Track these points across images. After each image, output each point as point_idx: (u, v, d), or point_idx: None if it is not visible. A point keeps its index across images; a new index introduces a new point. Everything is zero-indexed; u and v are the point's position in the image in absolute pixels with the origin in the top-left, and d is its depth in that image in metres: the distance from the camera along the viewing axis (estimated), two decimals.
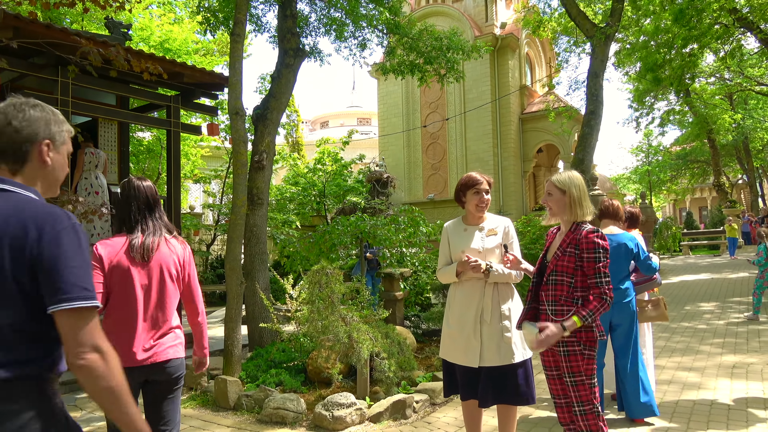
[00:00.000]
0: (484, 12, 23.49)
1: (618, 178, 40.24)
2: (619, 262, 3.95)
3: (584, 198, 2.77)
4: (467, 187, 3.21)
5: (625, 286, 4.00)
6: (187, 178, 17.38)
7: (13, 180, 1.40)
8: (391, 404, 4.23)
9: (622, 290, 3.95)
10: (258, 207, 6.68)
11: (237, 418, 4.48)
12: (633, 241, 4.06)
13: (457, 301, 3.15)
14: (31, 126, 1.43)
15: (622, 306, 3.94)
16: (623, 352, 4.00)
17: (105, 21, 8.43)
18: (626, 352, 3.98)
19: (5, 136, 1.40)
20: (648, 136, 31.44)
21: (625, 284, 4.01)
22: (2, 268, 1.27)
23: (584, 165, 11.52)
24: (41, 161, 1.46)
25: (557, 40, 18.41)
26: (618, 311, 3.94)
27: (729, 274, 14.10)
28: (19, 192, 1.39)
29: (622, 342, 4.00)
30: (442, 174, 23.92)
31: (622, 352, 4.00)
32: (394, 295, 6.74)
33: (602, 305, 2.60)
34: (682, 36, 12.81)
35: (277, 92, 7.08)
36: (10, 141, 1.41)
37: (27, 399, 1.28)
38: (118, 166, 8.97)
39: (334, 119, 52.46)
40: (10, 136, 1.40)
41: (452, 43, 8.23)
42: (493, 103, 22.55)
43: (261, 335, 6.35)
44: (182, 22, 15.60)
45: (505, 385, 2.97)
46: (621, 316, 3.96)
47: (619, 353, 4.01)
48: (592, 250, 2.64)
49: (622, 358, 3.99)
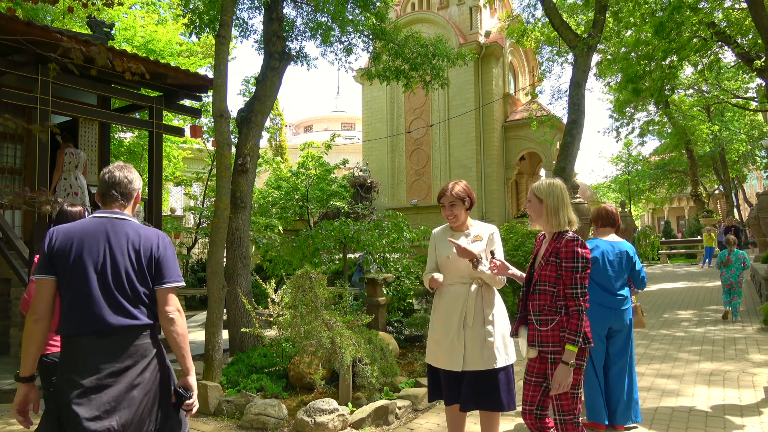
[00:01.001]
0: (469, 20, 23.71)
1: (598, 186, 40.73)
2: (618, 268, 3.98)
3: (562, 208, 2.75)
4: (438, 199, 3.31)
5: (625, 293, 4.01)
6: (168, 180, 17.17)
7: (125, 213, 2.35)
8: (373, 410, 4.21)
9: (622, 298, 3.97)
10: (241, 210, 6.62)
11: (217, 423, 4.42)
12: (632, 250, 4.08)
13: (442, 306, 3.17)
14: (134, 180, 2.40)
15: (621, 312, 3.96)
16: (619, 357, 4.00)
17: (87, 20, 8.32)
18: (622, 357, 4.00)
19: (123, 186, 2.36)
20: (628, 146, 31.89)
21: (624, 291, 4.01)
22: (141, 263, 2.25)
23: (566, 173, 11.64)
24: (137, 200, 2.42)
25: (540, 50, 18.62)
26: (617, 318, 3.95)
27: (706, 283, 14.35)
28: (131, 220, 2.33)
29: (619, 347, 4.01)
30: (425, 180, 24.01)
31: (618, 357, 4.00)
32: (377, 300, 6.72)
33: (580, 319, 2.61)
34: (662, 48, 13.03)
35: (262, 95, 7.04)
36: (126, 189, 2.38)
37: (154, 335, 2.32)
38: (99, 167, 8.83)
39: (318, 123, 52.38)
40: (125, 186, 2.37)
41: (438, 50, 8.28)
42: (477, 111, 22.73)
43: (242, 340, 6.28)
44: (166, 24, 15.45)
45: (487, 390, 2.98)
46: (620, 323, 3.97)
47: (614, 358, 4.01)
48: (571, 259, 2.65)
49: (617, 363, 4.00)
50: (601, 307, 3.93)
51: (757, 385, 5.16)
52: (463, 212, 3.21)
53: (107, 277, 2.20)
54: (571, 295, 2.63)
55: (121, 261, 2.22)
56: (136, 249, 2.24)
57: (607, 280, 3.95)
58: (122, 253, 2.23)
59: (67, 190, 7.73)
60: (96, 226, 2.25)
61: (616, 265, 3.97)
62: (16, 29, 5.75)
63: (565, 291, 2.66)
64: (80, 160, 8.00)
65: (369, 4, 8.20)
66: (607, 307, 3.94)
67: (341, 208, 16.39)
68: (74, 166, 7.89)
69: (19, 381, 2.23)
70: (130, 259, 2.24)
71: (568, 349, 2.59)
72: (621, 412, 3.97)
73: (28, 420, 2.26)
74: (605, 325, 3.96)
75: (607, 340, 4.03)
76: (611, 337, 4.03)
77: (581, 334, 2.60)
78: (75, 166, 7.90)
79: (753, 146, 27.22)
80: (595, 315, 3.83)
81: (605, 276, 3.95)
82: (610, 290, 3.95)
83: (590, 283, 3.80)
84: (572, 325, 2.61)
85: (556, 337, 2.66)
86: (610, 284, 3.96)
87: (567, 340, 2.60)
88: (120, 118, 8.42)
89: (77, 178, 7.87)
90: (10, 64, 6.34)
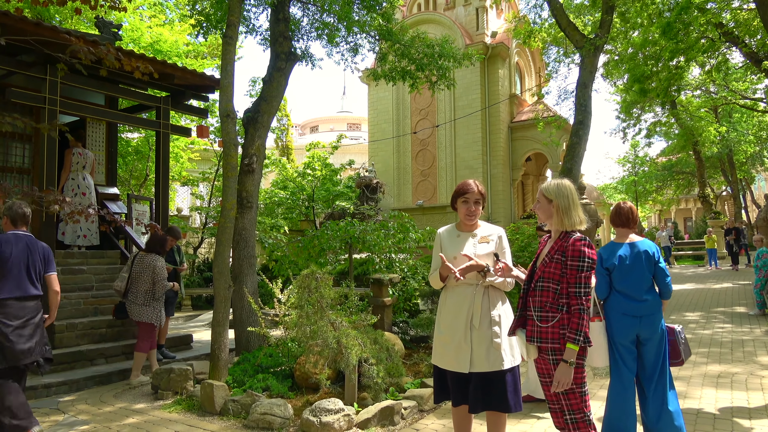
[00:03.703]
0: (475, 21, 23.66)
1: (605, 187, 40.55)
2: (639, 271, 3.62)
3: (573, 208, 2.78)
4: (458, 194, 3.23)
5: (650, 297, 3.62)
6: (175, 180, 17.25)
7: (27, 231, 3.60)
8: (379, 410, 4.21)
9: (647, 302, 3.59)
10: (247, 210, 6.64)
11: (223, 423, 4.43)
12: (653, 248, 3.69)
13: (448, 307, 3.16)
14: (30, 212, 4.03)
15: (648, 319, 3.58)
16: (653, 369, 3.60)
17: (95, 20, 8.36)
18: (655, 369, 3.60)
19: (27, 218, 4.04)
20: (635, 147, 31.77)
21: (650, 296, 3.62)
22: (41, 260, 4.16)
23: (572, 174, 11.60)
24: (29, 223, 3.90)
25: (547, 50, 18.53)
26: (645, 325, 3.57)
27: (713, 285, 14.26)
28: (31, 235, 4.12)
29: (651, 358, 3.60)
30: (431, 181, 23.97)
31: (651, 368, 3.60)
32: (383, 300, 6.72)
33: (582, 318, 2.63)
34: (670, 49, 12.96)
35: (269, 95, 7.05)
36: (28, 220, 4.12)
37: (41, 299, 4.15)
38: (106, 167, 8.88)
39: (324, 124, 52.46)
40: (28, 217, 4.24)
41: (444, 51, 8.26)
42: (483, 112, 22.68)
43: (248, 340, 6.30)
44: (173, 24, 15.51)
45: (494, 392, 2.97)
46: (649, 330, 3.58)
47: (648, 370, 3.61)
48: (577, 258, 2.67)
49: (651, 375, 3.60)
50: (624, 316, 3.57)
51: (766, 387, 5.12)
52: (481, 212, 3.23)
53: (29, 267, 4.06)
54: (574, 293, 2.66)
55: (36, 258, 4.11)
56: (40, 252, 4.15)
57: (628, 286, 3.60)
58: (36, 253, 4.11)
59: (74, 189, 7.78)
60: (20, 238, 4.09)
61: (635, 268, 3.62)
62: (26, 29, 5.79)
63: (568, 289, 2.69)
64: (88, 160, 8.04)
65: (375, 4, 8.21)
66: (630, 316, 3.56)
67: (347, 209, 16.39)
68: (82, 166, 7.94)
69: None
70: (39, 257, 4.13)
71: (569, 347, 2.62)
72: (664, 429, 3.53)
73: None
74: (629, 335, 3.58)
75: (638, 349, 3.64)
76: (642, 345, 3.62)
77: (582, 333, 2.62)
78: (82, 166, 7.95)
79: (761, 147, 27.05)
80: (617, 325, 3.56)
81: (625, 282, 3.61)
82: (632, 296, 3.59)
83: (612, 292, 3.64)
84: (573, 324, 2.63)
85: (555, 334, 2.68)
86: (632, 290, 3.60)
87: (568, 339, 2.63)
88: (127, 118, 8.46)
89: (84, 178, 7.92)
90: (19, 64, 6.38)
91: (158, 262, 6.23)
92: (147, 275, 6.14)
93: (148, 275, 6.14)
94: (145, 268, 6.16)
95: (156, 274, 6.15)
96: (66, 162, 7.81)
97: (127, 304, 6.17)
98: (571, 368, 2.61)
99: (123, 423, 4.52)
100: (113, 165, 9.07)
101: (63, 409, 4.99)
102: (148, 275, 6.14)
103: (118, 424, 4.50)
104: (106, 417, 4.70)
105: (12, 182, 7.61)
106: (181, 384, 5.28)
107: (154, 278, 6.15)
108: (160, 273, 6.18)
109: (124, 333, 7.06)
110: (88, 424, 4.51)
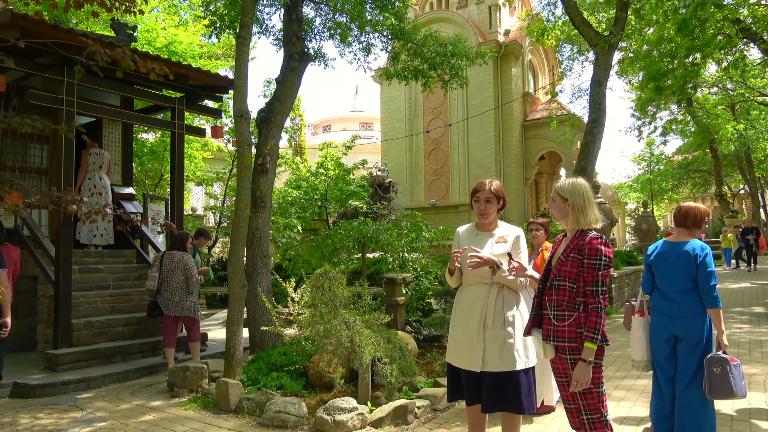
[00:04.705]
0: (488, 19, 23.57)
1: (620, 186, 40.21)
2: (677, 271, 3.54)
3: (588, 207, 2.78)
4: (472, 193, 3.26)
5: (685, 299, 3.51)
6: (189, 180, 17.40)
7: None
8: (392, 409, 4.22)
9: (681, 303, 3.52)
10: (261, 210, 6.68)
11: (238, 420, 4.47)
12: (697, 249, 3.50)
13: (462, 305, 3.16)
14: None
15: (683, 321, 3.51)
16: (683, 371, 3.53)
17: (111, 22, 8.46)
18: (686, 372, 3.51)
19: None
20: (650, 145, 31.45)
21: (686, 297, 3.52)
22: None
23: (587, 173, 11.52)
24: None
25: (560, 48, 18.41)
26: (679, 326, 3.52)
27: (731, 284, 14.07)
28: None
29: (683, 360, 3.54)
30: (444, 180, 23.93)
31: (682, 371, 3.54)
32: (396, 300, 6.72)
33: (599, 317, 2.62)
34: (685, 46, 12.80)
35: (282, 96, 7.09)
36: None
37: None
38: (122, 167, 8.98)
39: (337, 123, 52.55)
40: None
41: (457, 49, 8.24)
42: (496, 110, 22.60)
43: (262, 338, 6.34)
44: (187, 25, 15.64)
45: (507, 392, 2.96)
46: (683, 332, 3.51)
47: (679, 370, 3.56)
48: (594, 256, 2.67)
49: (681, 378, 3.53)
50: (659, 314, 3.61)
51: None
52: (495, 211, 3.22)
53: None
54: (591, 292, 2.65)
55: None
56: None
57: (665, 284, 3.59)
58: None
59: (91, 189, 7.89)
60: None
61: (675, 267, 3.54)
62: (44, 32, 5.88)
63: (585, 288, 2.68)
64: (104, 160, 8.15)
65: (388, 3, 8.21)
66: (664, 315, 3.56)
67: (360, 208, 16.42)
68: (98, 167, 8.04)
69: None
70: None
71: (587, 346, 2.61)
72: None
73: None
74: (662, 333, 3.57)
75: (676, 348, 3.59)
76: (678, 344, 3.58)
77: (600, 332, 2.60)
78: (99, 166, 8.05)
79: None
80: (653, 322, 3.64)
81: (662, 280, 3.61)
82: (667, 295, 3.57)
83: (654, 289, 3.69)
84: (591, 323, 2.62)
85: (572, 333, 2.67)
86: (668, 288, 3.58)
87: (586, 338, 2.62)
88: (142, 118, 8.54)
89: (101, 178, 8.02)
90: (37, 66, 6.48)
91: (188, 258, 6.52)
92: (179, 272, 6.40)
93: (180, 272, 6.40)
94: (177, 266, 6.42)
95: (188, 270, 6.44)
96: (83, 162, 7.91)
97: (162, 302, 6.36)
98: (589, 367, 2.60)
99: (140, 420, 4.58)
100: (129, 165, 9.17)
101: (81, 406, 5.06)
102: (180, 272, 6.40)
103: (135, 421, 4.56)
104: (123, 414, 4.76)
105: (31, 182, 7.73)
106: (196, 382, 5.33)
107: (187, 274, 6.42)
108: (191, 269, 6.48)
109: (140, 331, 7.14)
110: (106, 420, 4.58)
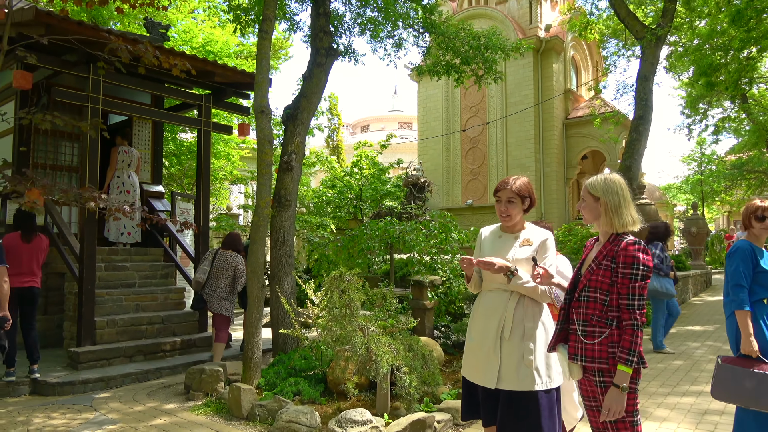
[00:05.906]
0: (528, 14, 22.94)
1: (668, 187, 38.68)
2: (728, 269, 3.42)
3: (624, 206, 2.39)
4: (494, 193, 2.91)
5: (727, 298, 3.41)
6: (225, 179, 17.53)
7: None
8: (410, 423, 3.93)
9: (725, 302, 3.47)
10: (285, 209, 6.50)
11: (248, 428, 4.28)
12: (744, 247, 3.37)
13: (480, 313, 2.84)
14: None
15: (727, 320, 3.45)
16: None
17: (144, 21, 8.47)
18: None
19: None
20: (701, 144, 30.04)
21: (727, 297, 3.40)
22: None
23: (632, 173, 10.99)
24: None
25: (605, 43, 17.71)
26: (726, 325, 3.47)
27: None
28: None
29: None
30: (481, 179, 23.42)
31: None
32: (423, 303, 6.44)
33: (635, 335, 2.24)
34: (740, 38, 12.07)
35: (308, 92, 6.91)
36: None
37: None
38: (152, 165, 9.00)
39: (375, 123, 52.54)
40: None
41: (490, 42, 7.88)
42: (536, 108, 21.95)
43: (285, 341, 6.16)
44: (225, 26, 15.75)
45: (524, 415, 2.59)
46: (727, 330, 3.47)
47: None
48: (630, 264, 2.28)
49: None
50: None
51: None
52: (520, 212, 2.82)
53: None
54: (626, 306, 2.27)
55: None
56: None
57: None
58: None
59: (119, 187, 7.90)
60: None
61: (728, 266, 3.41)
62: (68, 29, 5.85)
63: (619, 301, 2.30)
64: (133, 158, 8.15)
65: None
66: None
67: (394, 208, 16.18)
68: (127, 164, 8.05)
69: None
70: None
71: (620, 369, 2.23)
72: None
73: None
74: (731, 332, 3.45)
75: None
76: None
77: (636, 353, 2.22)
78: (128, 164, 8.06)
79: None
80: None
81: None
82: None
83: None
84: (626, 342, 2.24)
85: (603, 352, 2.30)
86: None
87: (619, 360, 2.24)
88: (170, 116, 8.51)
89: (130, 176, 8.02)
90: (64, 63, 6.48)
91: (240, 260, 6.55)
92: (228, 271, 6.46)
93: (229, 271, 6.46)
94: (228, 265, 6.47)
95: (238, 270, 6.49)
96: (112, 160, 7.94)
97: (206, 297, 6.38)
98: (623, 394, 2.23)
99: (150, 424, 4.44)
100: (159, 163, 9.18)
101: (96, 406, 4.98)
102: (230, 271, 6.46)
103: (146, 425, 4.42)
104: (135, 417, 4.65)
105: (62, 180, 7.80)
106: (211, 385, 5.18)
107: (236, 274, 6.47)
108: (242, 270, 6.50)
109: (163, 330, 7.09)
110: (116, 423, 4.46)
